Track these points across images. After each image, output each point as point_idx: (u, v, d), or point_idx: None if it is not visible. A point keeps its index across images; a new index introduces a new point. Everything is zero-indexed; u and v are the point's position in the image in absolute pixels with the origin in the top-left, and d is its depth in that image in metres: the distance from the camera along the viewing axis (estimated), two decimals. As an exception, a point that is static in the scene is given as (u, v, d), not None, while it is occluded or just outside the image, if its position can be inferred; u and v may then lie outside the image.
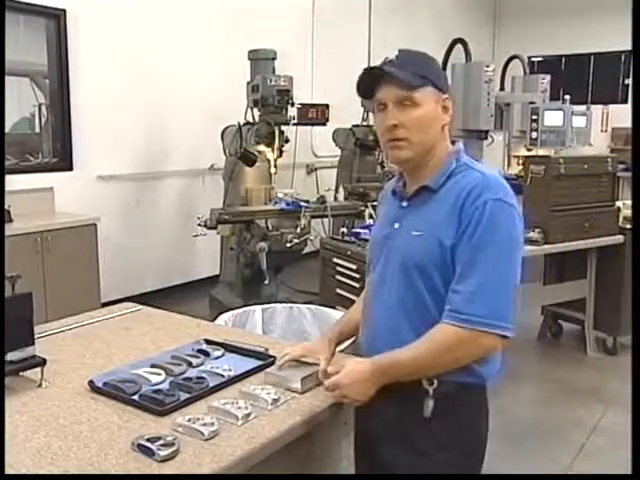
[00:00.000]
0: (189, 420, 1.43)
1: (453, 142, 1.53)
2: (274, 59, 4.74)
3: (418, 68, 1.44)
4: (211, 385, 1.63)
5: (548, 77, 5.22)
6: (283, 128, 4.52)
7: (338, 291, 3.70)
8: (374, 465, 1.55)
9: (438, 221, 1.40)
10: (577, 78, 9.61)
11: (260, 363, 1.78)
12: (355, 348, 2.34)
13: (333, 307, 3.07)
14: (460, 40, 4.83)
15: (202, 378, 1.66)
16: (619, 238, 4.20)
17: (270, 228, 4.23)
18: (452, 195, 1.41)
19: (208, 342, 1.93)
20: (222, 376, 1.68)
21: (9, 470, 1.25)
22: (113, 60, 5.11)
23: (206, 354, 1.84)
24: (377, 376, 1.43)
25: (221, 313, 2.96)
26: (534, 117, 4.58)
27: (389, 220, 1.53)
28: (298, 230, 4.16)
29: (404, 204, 1.51)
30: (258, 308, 2.99)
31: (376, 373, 1.43)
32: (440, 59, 4.93)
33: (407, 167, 1.53)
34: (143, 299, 2.84)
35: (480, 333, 1.35)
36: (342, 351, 2.38)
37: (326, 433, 1.65)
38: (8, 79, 4.36)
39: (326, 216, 4.49)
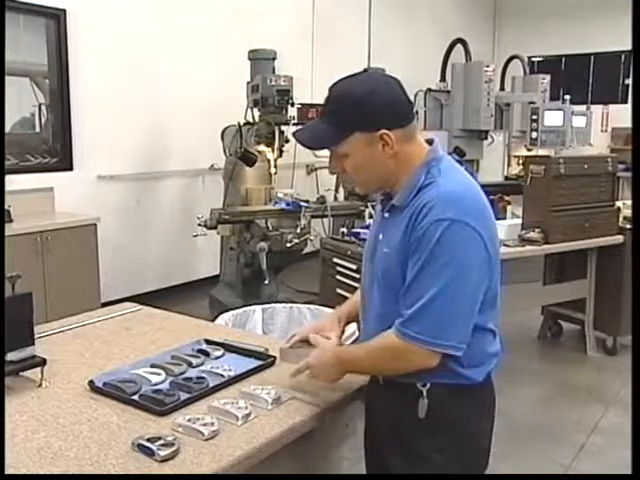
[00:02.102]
0: (189, 420, 1.43)
1: (431, 142, 1.48)
2: (274, 59, 4.73)
3: (342, 117, 1.40)
4: (211, 385, 1.63)
5: (548, 77, 5.23)
6: (283, 128, 4.51)
7: (338, 291, 3.69)
8: (377, 465, 1.57)
9: (397, 239, 1.41)
10: (577, 78, 9.61)
11: (260, 363, 1.78)
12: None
13: (333, 307, 3.07)
14: (460, 40, 4.83)
15: (202, 378, 1.66)
16: (619, 238, 4.19)
17: (270, 228, 4.23)
18: (412, 212, 1.40)
19: (208, 342, 1.93)
20: (222, 376, 1.68)
21: (9, 470, 1.25)
22: (113, 60, 5.11)
23: (206, 354, 1.84)
24: (340, 368, 1.54)
25: (221, 313, 2.96)
26: (534, 117, 4.59)
27: (376, 230, 1.54)
28: (298, 230, 4.16)
29: (385, 215, 1.51)
30: (258, 308, 2.99)
31: (339, 366, 1.54)
32: (440, 59, 4.94)
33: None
34: (143, 299, 2.84)
35: (414, 348, 1.36)
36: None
37: (326, 433, 1.65)
38: (8, 79, 4.36)
39: (326, 216, 4.49)
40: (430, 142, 1.48)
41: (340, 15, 7.13)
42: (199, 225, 4.25)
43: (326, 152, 1.48)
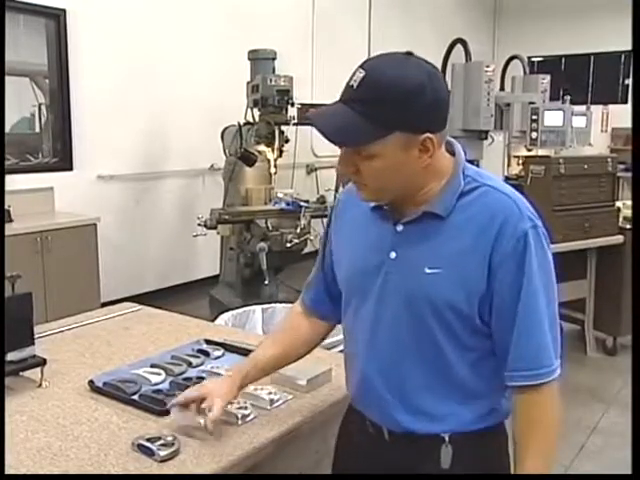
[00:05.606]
0: (189, 420, 1.43)
1: (448, 149, 1.25)
2: (274, 59, 4.73)
3: (384, 112, 1.11)
4: (211, 385, 1.63)
5: (548, 77, 5.22)
6: (283, 128, 4.51)
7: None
8: None
9: (458, 256, 1.18)
10: (577, 78, 9.60)
11: (260, 363, 1.78)
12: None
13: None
14: (460, 40, 4.82)
15: (202, 378, 1.65)
16: (619, 238, 4.20)
17: (270, 228, 4.22)
18: (472, 222, 1.18)
19: (208, 342, 1.93)
20: (222, 376, 1.68)
21: (9, 470, 1.25)
22: (113, 60, 5.11)
23: (206, 354, 1.84)
24: None
25: (221, 313, 2.96)
26: (534, 117, 4.58)
27: (379, 246, 1.25)
28: (298, 230, 4.15)
29: (399, 228, 1.23)
30: (258, 308, 3.00)
31: None
32: (440, 59, 4.93)
33: None
34: (143, 299, 2.84)
35: (557, 383, 1.22)
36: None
37: (326, 433, 1.64)
38: (8, 79, 4.35)
39: (326, 216, 4.48)
40: (448, 148, 1.27)
41: (340, 15, 7.13)
42: (199, 225, 4.25)
43: (326, 152, 1.35)
